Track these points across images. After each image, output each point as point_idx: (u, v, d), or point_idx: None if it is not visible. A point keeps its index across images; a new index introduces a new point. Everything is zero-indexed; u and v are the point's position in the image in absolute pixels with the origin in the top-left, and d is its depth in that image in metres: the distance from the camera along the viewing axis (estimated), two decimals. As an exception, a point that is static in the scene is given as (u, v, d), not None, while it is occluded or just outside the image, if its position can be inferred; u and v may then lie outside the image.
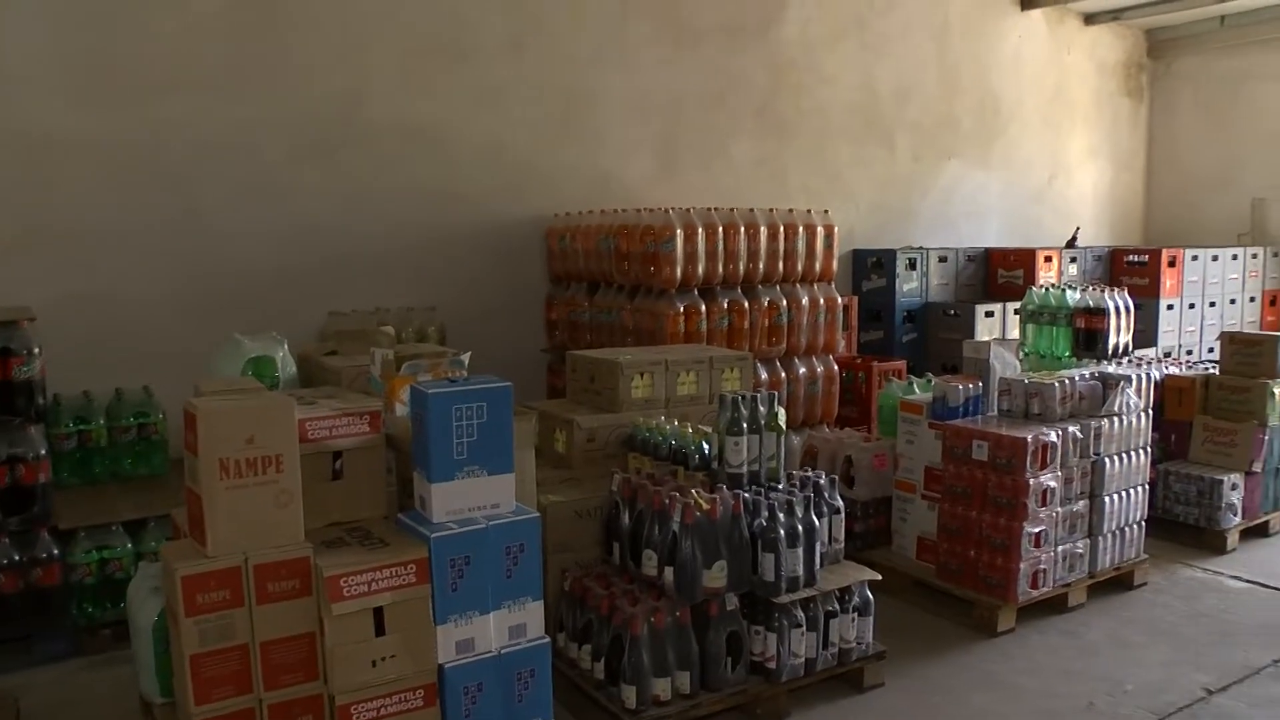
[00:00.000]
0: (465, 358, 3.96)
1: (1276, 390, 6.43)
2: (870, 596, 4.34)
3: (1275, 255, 10.46)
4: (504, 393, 3.22)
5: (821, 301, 6.42)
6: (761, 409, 4.18)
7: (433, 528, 3.10)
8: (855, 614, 4.27)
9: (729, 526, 3.88)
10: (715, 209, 6.17)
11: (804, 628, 4.09)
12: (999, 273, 8.77)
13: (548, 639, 3.31)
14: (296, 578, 2.97)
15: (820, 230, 6.40)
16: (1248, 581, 5.77)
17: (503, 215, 6.84)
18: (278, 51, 6.00)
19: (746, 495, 4.02)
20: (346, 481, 3.32)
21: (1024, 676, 4.56)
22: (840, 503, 4.37)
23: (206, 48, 5.80)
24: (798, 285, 6.39)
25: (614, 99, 7.23)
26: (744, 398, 4.16)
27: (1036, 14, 10.08)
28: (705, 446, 4.28)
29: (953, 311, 8.11)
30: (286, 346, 4.45)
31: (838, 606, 4.22)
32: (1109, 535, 5.44)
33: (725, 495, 3.92)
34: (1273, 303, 10.41)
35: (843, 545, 4.39)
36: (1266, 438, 6.41)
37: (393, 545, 3.10)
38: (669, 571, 3.84)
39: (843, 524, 4.38)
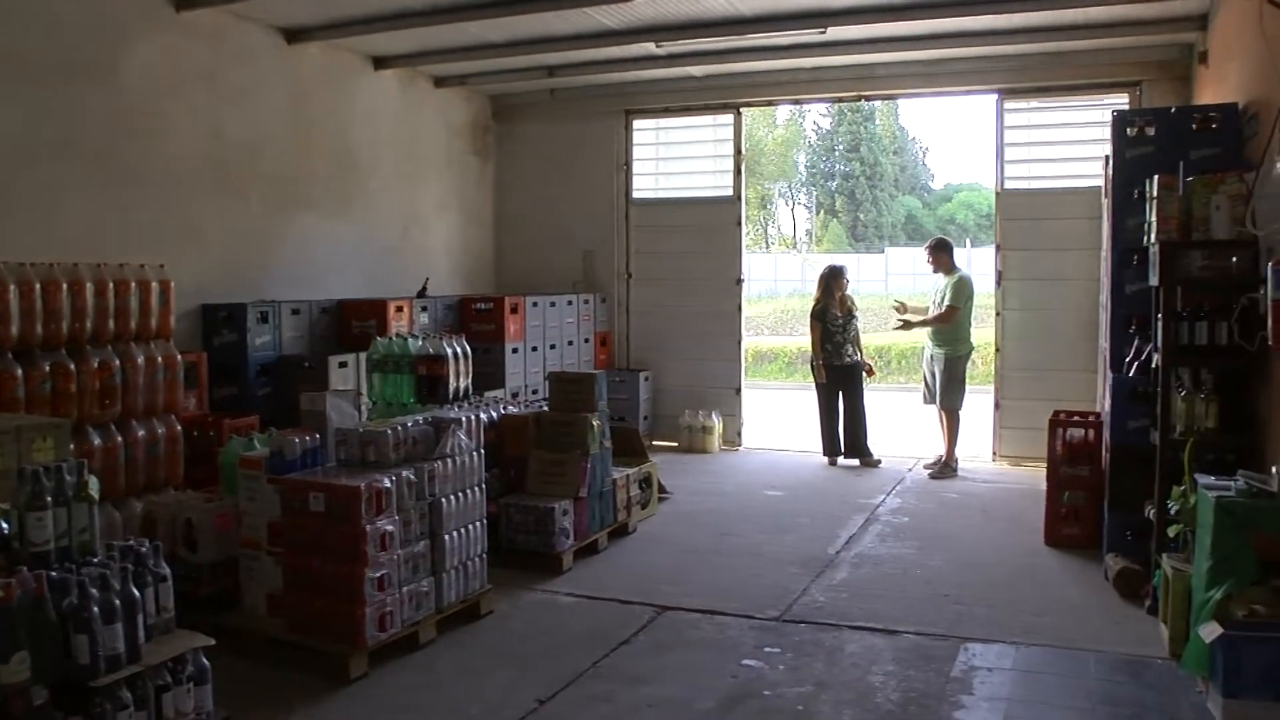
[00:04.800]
0: None
1: (595, 422, 7.23)
2: (206, 663, 4.19)
3: (603, 301, 11.79)
4: None
5: (160, 360, 6.13)
6: (69, 479, 3.91)
7: None
8: (191, 684, 4.10)
9: (31, 611, 3.56)
10: (33, 264, 5.67)
11: (132, 708, 3.83)
12: (353, 323, 8.90)
13: None
14: None
15: (155, 286, 6.12)
16: (579, 596, 6.41)
17: None
18: None
19: (53, 574, 3.72)
20: None
21: (378, 718, 4.68)
22: (167, 570, 4.18)
23: None
24: (133, 344, 6.05)
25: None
26: (47, 469, 3.87)
27: (389, 74, 10.41)
28: (5, 525, 3.92)
29: (308, 364, 8.11)
30: None
31: (170, 679, 4.03)
32: (453, 571, 5.74)
33: (26, 577, 3.59)
34: (603, 343, 11.71)
35: (173, 614, 4.20)
36: (590, 465, 7.16)
37: None
38: (-41, 674, 3.46)
39: (171, 591, 4.20)
